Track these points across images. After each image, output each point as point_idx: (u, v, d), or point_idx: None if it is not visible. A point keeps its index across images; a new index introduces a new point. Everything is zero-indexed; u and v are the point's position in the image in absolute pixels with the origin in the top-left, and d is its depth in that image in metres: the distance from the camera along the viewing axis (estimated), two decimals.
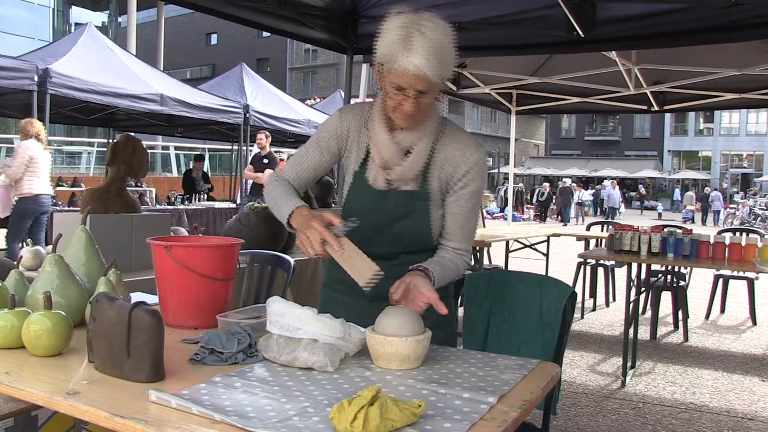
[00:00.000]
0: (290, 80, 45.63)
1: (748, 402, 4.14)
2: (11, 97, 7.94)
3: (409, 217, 1.78)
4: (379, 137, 1.74)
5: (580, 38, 3.95)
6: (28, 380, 1.30)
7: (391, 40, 1.59)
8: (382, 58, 1.63)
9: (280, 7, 4.04)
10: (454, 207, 1.80)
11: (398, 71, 1.59)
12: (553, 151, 50.47)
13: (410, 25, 1.58)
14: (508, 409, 1.22)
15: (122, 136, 3.21)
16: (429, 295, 1.58)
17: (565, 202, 25.14)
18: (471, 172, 1.77)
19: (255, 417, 1.12)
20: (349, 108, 1.88)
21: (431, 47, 1.56)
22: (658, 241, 4.52)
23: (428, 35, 1.56)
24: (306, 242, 1.60)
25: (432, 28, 1.58)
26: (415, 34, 1.56)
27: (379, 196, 1.78)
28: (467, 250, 1.84)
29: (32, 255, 2.94)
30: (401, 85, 1.61)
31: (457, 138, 1.79)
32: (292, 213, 1.70)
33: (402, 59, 1.57)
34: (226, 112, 9.65)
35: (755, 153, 43.88)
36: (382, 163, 1.76)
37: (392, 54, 1.58)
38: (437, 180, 1.79)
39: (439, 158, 1.78)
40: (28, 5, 49.03)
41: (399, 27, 1.59)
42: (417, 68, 1.56)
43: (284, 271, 2.83)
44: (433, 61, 1.56)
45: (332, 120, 1.87)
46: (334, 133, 1.85)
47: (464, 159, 1.77)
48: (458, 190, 1.79)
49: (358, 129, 1.83)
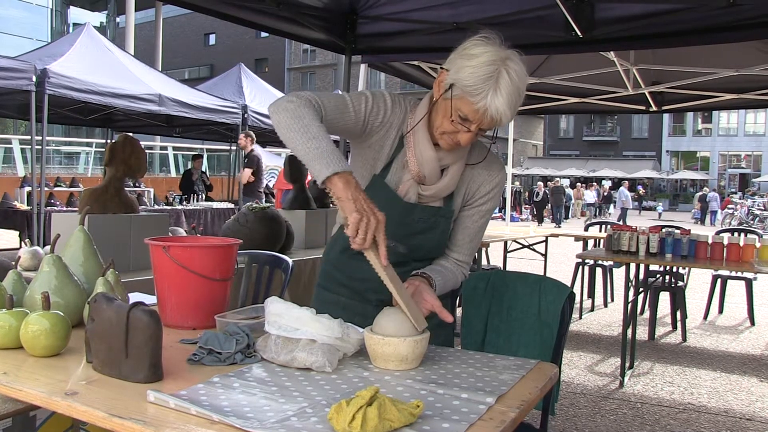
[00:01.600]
0: (288, 80, 45.62)
1: (746, 402, 4.14)
2: (9, 98, 7.94)
3: (431, 232, 1.77)
4: (425, 153, 1.68)
5: (578, 38, 3.96)
6: (26, 380, 1.30)
7: (481, 75, 1.51)
8: (463, 87, 1.53)
9: (278, 7, 4.04)
10: (468, 221, 1.81)
11: (477, 108, 1.53)
12: (552, 152, 50.50)
13: (501, 63, 1.52)
14: (507, 409, 1.22)
15: (120, 137, 3.20)
16: (433, 303, 1.59)
17: (557, 202, 24.44)
18: (493, 191, 1.79)
19: (253, 417, 1.12)
20: (399, 100, 1.74)
21: (514, 93, 1.52)
22: (656, 242, 4.52)
23: (514, 79, 1.51)
24: (360, 227, 1.37)
25: (518, 72, 1.52)
26: (503, 76, 1.51)
27: (406, 207, 1.74)
28: (468, 263, 1.85)
29: (30, 255, 2.94)
30: (470, 118, 1.56)
31: (486, 157, 1.78)
32: (339, 172, 1.40)
33: (487, 99, 1.51)
34: (225, 112, 9.65)
35: (753, 153, 43.93)
36: (419, 177, 1.71)
37: (479, 89, 1.51)
38: (461, 197, 1.79)
39: (466, 176, 1.77)
40: (26, 5, 48.99)
41: (490, 62, 1.52)
42: (498, 113, 1.52)
43: (282, 272, 2.83)
44: (513, 109, 1.53)
45: (385, 102, 1.71)
46: (381, 116, 1.70)
47: (489, 178, 1.78)
48: (477, 206, 1.79)
49: (398, 128, 1.73)
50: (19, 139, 20.21)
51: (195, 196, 10.50)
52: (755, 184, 38.33)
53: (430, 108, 1.68)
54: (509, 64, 1.52)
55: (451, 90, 1.57)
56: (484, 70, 1.51)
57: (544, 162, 47.64)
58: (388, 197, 1.71)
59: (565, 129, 50.64)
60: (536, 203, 24.83)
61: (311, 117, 1.50)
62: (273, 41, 44.74)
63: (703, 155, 45.66)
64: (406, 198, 1.73)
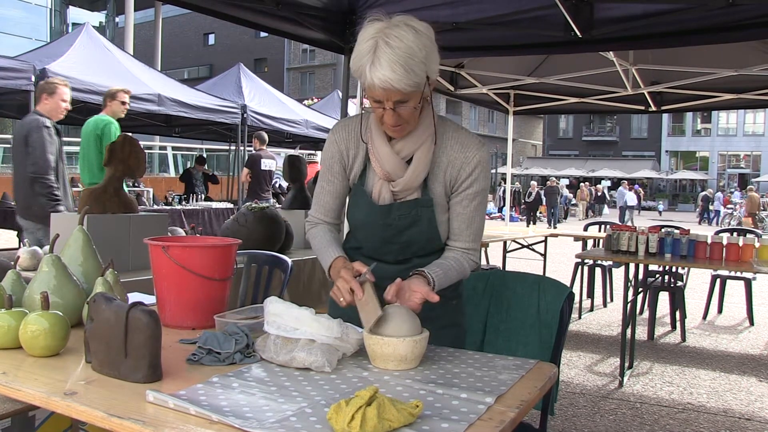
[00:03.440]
0: (288, 80, 45.61)
1: (746, 402, 4.14)
2: (8, 98, 7.91)
3: (416, 226, 1.77)
4: (380, 150, 1.71)
5: (577, 38, 3.95)
6: (25, 380, 1.30)
7: (359, 54, 1.57)
8: (354, 73, 1.62)
9: (277, 7, 4.04)
10: (459, 208, 1.79)
11: (369, 85, 1.57)
12: (551, 152, 50.53)
13: (378, 35, 1.54)
14: (506, 409, 1.22)
15: (119, 137, 3.20)
16: (420, 290, 1.59)
17: (551, 203, 23.42)
18: (475, 172, 1.75)
19: (252, 417, 1.12)
20: (340, 126, 1.85)
21: (398, 57, 1.51)
22: (656, 242, 4.52)
23: (394, 44, 1.52)
24: (338, 292, 1.63)
25: (400, 35, 1.53)
26: (381, 46, 1.53)
27: (383, 211, 1.76)
28: (474, 249, 1.83)
29: (30, 255, 2.93)
30: (377, 98, 1.59)
31: (459, 139, 1.76)
32: (330, 266, 1.75)
33: (369, 73, 1.54)
34: (224, 112, 9.64)
35: (752, 153, 43.98)
36: (385, 175, 1.73)
37: (361, 68, 1.56)
38: (442, 185, 1.77)
39: (443, 162, 1.75)
40: (25, 5, 48.95)
41: (367, 39, 1.55)
42: (383, 81, 1.53)
43: (282, 272, 2.83)
44: (400, 72, 1.51)
45: (329, 144, 1.84)
46: (336, 156, 1.82)
47: (467, 160, 1.74)
48: (463, 190, 1.77)
49: (356, 143, 1.80)
50: None
51: (194, 196, 10.50)
52: (754, 184, 38.37)
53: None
54: (388, 32, 1.54)
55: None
56: (362, 49, 1.56)
57: (544, 162, 47.67)
58: (364, 203, 1.79)
59: (565, 129, 50.67)
60: (528, 204, 23.67)
61: (311, 239, 1.89)
62: (272, 41, 44.73)
63: (702, 155, 45.69)
64: (381, 199, 1.76)
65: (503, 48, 4.59)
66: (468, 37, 4.34)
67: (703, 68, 5.70)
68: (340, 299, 1.61)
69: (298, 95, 35.72)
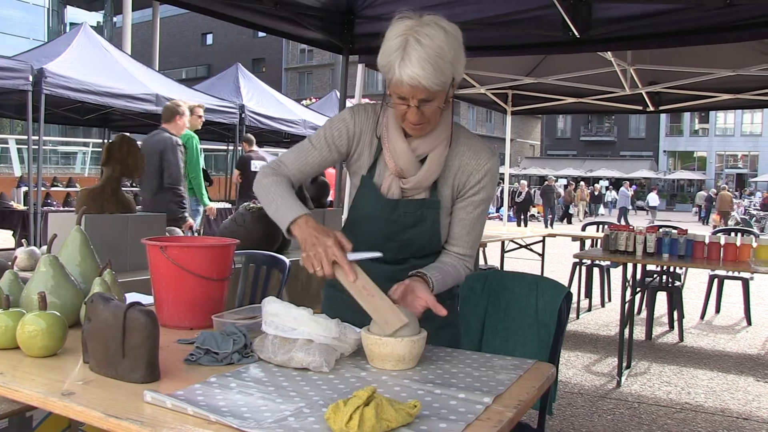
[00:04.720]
0: (286, 80, 45.58)
1: (743, 402, 4.15)
2: (6, 97, 7.92)
3: (420, 225, 1.77)
4: (397, 146, 1.71)
5: (575, 38, 3.96)
6: (22, 381, 1.30)
7: (388, 50, 1.57)
8: (381, 69, 1.60)
9: (275, 7, 4.04)
10: (462, 213, 1.79)
11: (396, 82, 1.57)
12: (549, 152, 50.58)
13: (408, 32, 1.55)
14: (504, 409, 1.22)
15: (117, 137, 3.20)
16: (426, 298, 1.58)
17: (548, 203, 23.25)
18: (483, 180, 1.76)
19: (250, 417, 1.12)
20: (361, 108, 1.81)
21: (428, 55, 1.52)
22: (654, 242, 4.53)
23: (425, 43, 1.53)
24: (314, 259, 1.52)
25: (431, 34, 1.54)
26: (411, 43, 1.53)
27: (390, 205, 1.75)
28: (471, 256, 1.83)
29: (27, 255, 2.93)
30: (402, 95, 1.59)
31: (472, 146, 1.77)
32: (295, 220, 1.60)
33: (398, 70, 1.54)
34: (222, 112, 9.63)
35: (750, 153, 44.05)
36: (397, 172, 1.72)
37: (390, 64, 1.56)
38: (450, 188, 1.77)
39: (454, 166, 1.75)
40: (23, 5, 48.86)
41: (397, 35, 1.56)
42: (412, 78, 1.53)
43: (280, 272, 2.83)
44: (429, 70, 1.52)
45: (344, 118, 1.79)
46: (345, 132, 1.78)
47: (478, 167, 1.75)
48: (469, 196, 1.77)
49: (371, 132, 1.78)
50: (16, 138, 20.16)
51: None
52: (752, 184, 38.42)
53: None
54: (418, 30, 1.55)
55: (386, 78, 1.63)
56: (392, 45, 1.56)
57: (542, 162, 47.71)
58: (372, 196, 1.77)
59: (563, 129, 50.72)
60: (518, 204, 21.98)
61: (269, 184, 1.72)
62: (270, 41, 44.68)
63: (700, 155, 45.77)
64: (389, 194, 1.75)
65: (501, 48, 4.59)
66: (466, 37, 4.30)
67: (701, 68, 5.71)
68: (315, 268, 1.52)
69: (296, 95, 35.65)
